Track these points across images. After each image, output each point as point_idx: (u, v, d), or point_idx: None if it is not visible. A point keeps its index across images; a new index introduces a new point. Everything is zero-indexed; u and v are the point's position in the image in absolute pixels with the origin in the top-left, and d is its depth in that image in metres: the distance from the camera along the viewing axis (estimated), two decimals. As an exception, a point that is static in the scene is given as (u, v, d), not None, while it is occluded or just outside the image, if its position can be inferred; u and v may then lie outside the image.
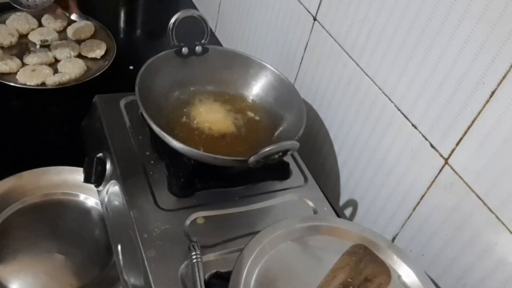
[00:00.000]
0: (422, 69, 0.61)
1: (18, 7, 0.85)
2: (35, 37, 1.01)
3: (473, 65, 0.55)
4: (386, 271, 0.56)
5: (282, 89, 0.77)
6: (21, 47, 0.99)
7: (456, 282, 0.61)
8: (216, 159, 0.62)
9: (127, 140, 0.71)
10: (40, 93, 0.92)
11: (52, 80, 0.92)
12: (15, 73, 0.92)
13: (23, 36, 1.02)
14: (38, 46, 1.00)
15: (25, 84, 0.91)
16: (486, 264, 0.57)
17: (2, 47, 0.97)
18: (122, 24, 1.21)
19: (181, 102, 0.76)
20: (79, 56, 1.01)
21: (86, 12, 1.08)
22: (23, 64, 0.95)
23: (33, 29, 1.03)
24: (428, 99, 0.61)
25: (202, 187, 0.67)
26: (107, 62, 1.00)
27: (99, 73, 0.96)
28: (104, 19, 1.09)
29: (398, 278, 0.57)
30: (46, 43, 1.01)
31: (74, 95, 0.93)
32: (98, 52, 1.02)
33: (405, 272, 0.57)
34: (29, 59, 0.95)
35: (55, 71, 0.96)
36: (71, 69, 0.96)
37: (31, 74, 0.92)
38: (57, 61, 0.98)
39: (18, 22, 1.02)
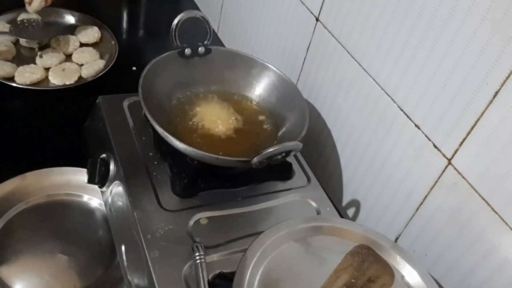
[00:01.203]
0: (425, 69, 0.61)
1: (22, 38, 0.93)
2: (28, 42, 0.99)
3: (476, 65, 0.55)
4: (389, 272, 0.56)
5: (284, 90, 0.77)
6: (19, 54, 0.97)
7: (460, 283, 0.61)
8: (219, 159, 0.62)
9: (130, 141, 0.72)
10: (43, 94, 0.93)
11: (88, 72, 0.95)
12: (46, 78, 0.93)
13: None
14: (36, 49, 0.99)
15: (65, 84, 0.92)
16: (490, 265, 0.57)
17: (8, 60, 0.95)
18: (124, 25, 1.21)
19: (184, 102, 0.76)
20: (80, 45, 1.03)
21: (88, 12, 1.09)
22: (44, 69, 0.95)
23: None
24: (431, 99, 0.61)
25: (205, 188, 0.67)
26: (109, 62, 1.00)
27: (101, 74, 0.96)
28: (107, 20, 1.10)
29: (402, 278, 0.57)
30: (42, 43, 1.00)
31: (77, 96, 0.94)
32: (97, 36, 1.04)
33: (408, 272, 0.57)
34: (48, 61, 0.96)
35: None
36: (90, 57, 0.98)
37: (65, 74, 0.94)
38: (67, 56, 0.99)
39: (55, 41, 1.01)
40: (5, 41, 0.97)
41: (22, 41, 0.99)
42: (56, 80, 0.93)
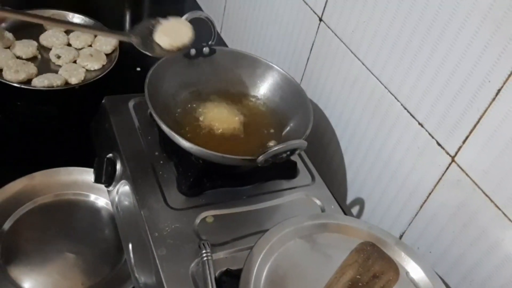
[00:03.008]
0: (428, 67, 0.62)
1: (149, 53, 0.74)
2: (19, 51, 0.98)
3: (478, 63, 0.55)
4: (394, 268, 0.57)
5: (288, 89, 0.78)
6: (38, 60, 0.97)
7: (463, 279, 0.62)
8: (225, 158, 0.63)
9: (136, 141, 0.72)
10: (49, 94, 0.93)
11: (108, 48, 1.00)
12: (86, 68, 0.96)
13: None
14: (38, 55, 0.98)
15: (104, 66, 0.97)
16: (493, 261, 0.58)
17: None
18: (128, 26, 1.22)
19: (189, 102, 0.76)
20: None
21: (91, 14, 1.10)
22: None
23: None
24: (434, 97, 0.61)
25: (210, 186, 0.68)
26: (111, 63, 1.00)
27: (104, 74, 0.97)
28: (110, 21, 1.10)
29: (406, 274, 0.57)
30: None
31: (82, 96, 0.94)
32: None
33: (413, 268, 0.58)
34: (70, 56, 0.97)
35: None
36: (89, 37, 1.02)
37: (95, 58, 0.97)
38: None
39: (48, 38, 1.00)
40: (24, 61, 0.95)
41: (24, 52, 0.96)
42: (95, 65, 0.96)
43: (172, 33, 0.69)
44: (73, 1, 1.19)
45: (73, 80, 0.91)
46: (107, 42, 1.01)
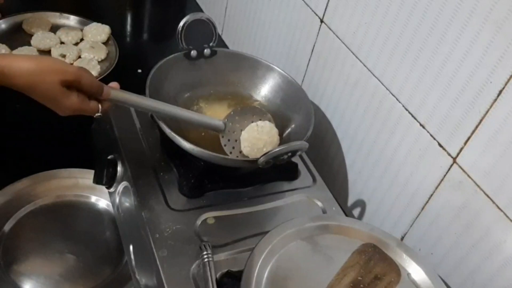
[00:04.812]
0: (430, 69, 0.61)
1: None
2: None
3: (480, 65, 0.55)
4: (395, 270, 0.57)
5: (289, 91, 0.78)
6: None
7: (465, 280, 0.61)
8: (226, 159, 0.63)
9: (137, 142, 0.72)
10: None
11: (101, 38, 1.03)
12: None
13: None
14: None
15: (108, 55, 0.99)
16: (495, 262, 0.57)
17: None
18: (129, 28, 1.22)
19: (190, 103, 0.76)
20: None
21: (91, 15, 1.10)
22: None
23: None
24: (435, 98, 0.61)
25: (212, 188, 0.68)
26: (110, 64, 1.00)
27: (105, 75, 0.97)
28: (111, 23, 1.10)
29: (408, 276, 0.57)
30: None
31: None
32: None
33: (414, 270, 0.58)
34: (74, 52, 0.98)
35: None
36: (78, 33, 1.04)
37: (96, 50, 0.98)
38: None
39: (41, 41, 1.00)
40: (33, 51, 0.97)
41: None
42: (101, 55, 0.98)
43: (255, 146, 0.67)
44: (73, 2, 1.19)
45: (94, 73, 0.92)
46: (99, 32, 1.02)
